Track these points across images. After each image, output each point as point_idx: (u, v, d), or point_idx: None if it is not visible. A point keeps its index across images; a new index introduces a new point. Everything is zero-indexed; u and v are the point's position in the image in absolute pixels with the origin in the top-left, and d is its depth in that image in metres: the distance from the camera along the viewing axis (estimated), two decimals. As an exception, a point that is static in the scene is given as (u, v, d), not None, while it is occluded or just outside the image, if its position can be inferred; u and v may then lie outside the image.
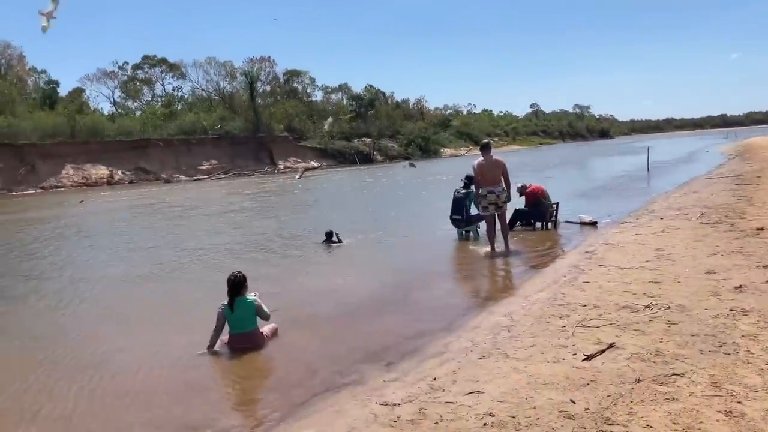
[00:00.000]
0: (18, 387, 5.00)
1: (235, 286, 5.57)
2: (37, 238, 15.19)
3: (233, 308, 5.53)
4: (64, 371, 5.35)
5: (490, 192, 9.38)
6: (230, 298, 5.56)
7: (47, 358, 5.70)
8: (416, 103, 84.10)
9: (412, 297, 7.21)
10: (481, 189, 9.43)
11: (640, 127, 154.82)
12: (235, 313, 5.53)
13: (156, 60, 64.00)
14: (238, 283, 5.59)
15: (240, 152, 53.19)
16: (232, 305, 5.54)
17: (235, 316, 5.54)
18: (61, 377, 5.17)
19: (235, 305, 5.53)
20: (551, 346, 4.80)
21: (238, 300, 5.56)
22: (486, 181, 9.38)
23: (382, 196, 23.67)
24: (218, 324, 5.57)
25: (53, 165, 42.49)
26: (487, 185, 9.37)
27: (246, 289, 5.66)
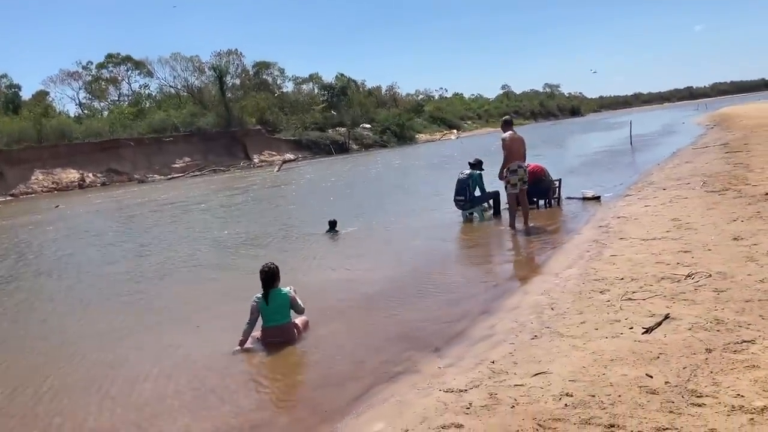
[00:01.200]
0: (47, 392, 4.73)
1: (269, 278, 5.36)
2: (49, 240, 14.81)
3: (268, 300, 5.31)
4: (97, 372, 5.09)
5: (519, 167, 9.30)
6: (265, 290, 5.34)
7: (77, 358, 5.42)
8: (388, 90, 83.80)
9: (436, 281, 7.05)
10: (511, 164, 9.29)
11: (609, 103, 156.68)
12: (270, 305, 5.32)
13: (120, 58, 62.35)
14: (272, 274, 5.39)
15: (213, 148, 52.32)
16: (267, 297, 5.32)
17: (270, 309, 5.33)
18: (94, 379, 4.91)
19: (270, 297, 5.32)
20: (603, 322, 4.69)
21: (272, 292, 5.34)
22: (515, 156, 9.28)
23: (373, 184, 23.47)
24: (252, 318, 5.35)
25: (22, 171, 41.27)
26: (516, 159, 9.28)
27: (279, 280, 5.44)
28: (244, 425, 3.98)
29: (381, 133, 64.46)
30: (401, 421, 3.60)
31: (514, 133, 9.51)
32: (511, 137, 9.42)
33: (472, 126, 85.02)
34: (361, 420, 3.79)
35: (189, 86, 62.24)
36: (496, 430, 3.26)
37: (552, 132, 54.18)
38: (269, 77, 70.22)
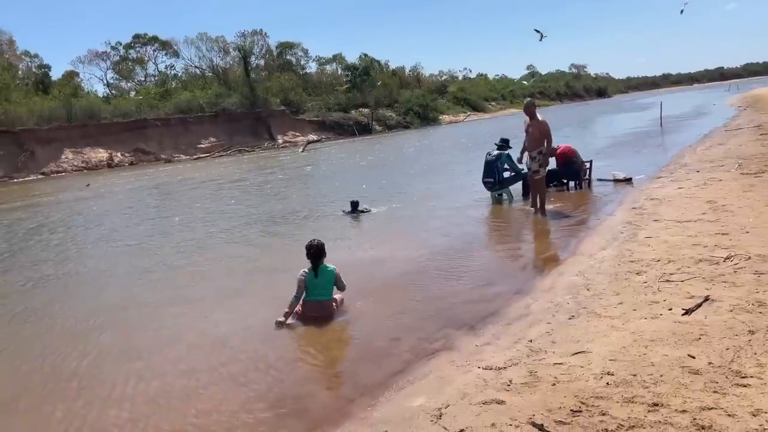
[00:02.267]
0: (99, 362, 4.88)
1: (317, 253, 5.50)
2: (97, 216, 15.28)
3: (317, 274, 5.43)
4: (144, 343, 5.25)
5: (539, 152, 9.30)
6: (313, 265, 5.46)
7: (126, 329, 5.58)
8: (412, 71, 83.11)
9: (468, 261, 7.07)
10: (531, 152, 9.38)
11: (637, 84, 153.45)
12: (318, 279, 5.44)
13: (147, 38, 62.76)
14: (320, 249, 5.53)
15: (238, 129, 52.58)
16: (316, 271, 5.44)
17: (317, 283, 5.46)
18: (143, 351, 5.05)
19: (319, 272, 5.45)
20: (642, 303, 4.69)
21: (320, 267, 5.47)
22: (536, 141, 9.27)
23: (397, 164, 23.44)
24: (299, 291, 5.48)
25: (52, 150, 41.95)
26: (538, 145, 9.26)
27: (326, 256, 5.55)
28: (286, 396, 4.07)
29: (404, 114, 64.14)
30: (442, 397, 3.66)
31: (536, 117, 9.37)
32: (535, 121, 9.32)
33: (496, 107, 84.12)
34: (402, 394, 3.86)
35: (214, 67, 62.48)
36: (538, 407, 3.29)
37: (579, 113, 53.43)
38: (293, 57, 70.18)
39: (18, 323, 6.44)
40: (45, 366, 5.06)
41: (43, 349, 5.48)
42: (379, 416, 3.59)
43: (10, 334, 6.11)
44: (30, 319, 6.56)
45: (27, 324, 6.40)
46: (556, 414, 3.18)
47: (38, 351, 5.44)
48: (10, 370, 5.12)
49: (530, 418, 3.18)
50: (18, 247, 11.70)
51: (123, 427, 3.89)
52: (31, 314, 6.70)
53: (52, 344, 5.59)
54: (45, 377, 4.82)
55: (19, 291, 7.93)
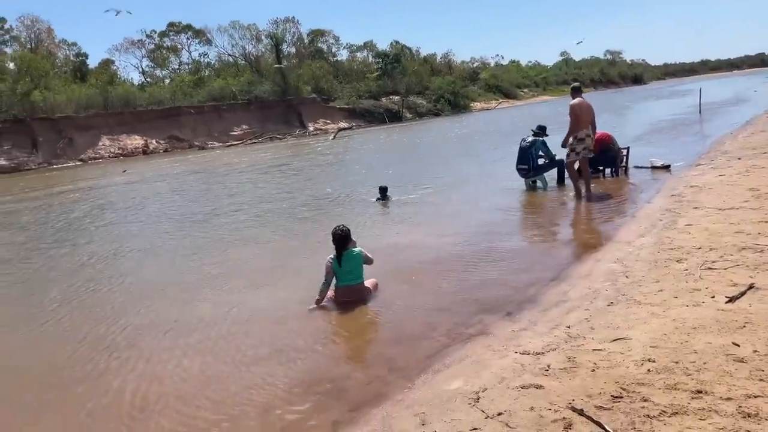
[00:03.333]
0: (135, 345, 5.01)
1: (341, 240, 5.49)
2: (146, 198, 15.67)
3: (341, 262, 5.45)
4: (182, 326, 5.36)
5: (587, 135, 9.27)
6: (338, 252, 5.47)
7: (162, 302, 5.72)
8: (443, 58, 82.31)
9: (502, 247, 7.02)
10: (579, 132, 9.26)
11: (674, 71, 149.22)
12: (343, 266, 5.46)
13: (181, 26, 63.40)
14: (344, 236, 5.52)
15: (270, 116, 52.97)
16: (340, 259, 5.45)
17: (344, 269, 5.48)
18: (181, 333, 5.17)
19: (343, 259, 5.46)
20: (683, 290, 4.60)
21: (345, 253, 5.48)
22: (583, 124, 9.24)
23: (429, 151, 23.34)
24: (327, 277, 5.51)
25: (90, 137, 42.87)
26: (584, 127, 9.26)
27: (351, 242, 5.57)
28: (322, 379, 4.12)
29: (435, 102, 63.72)
30: (479, 380, 3.66)
31: (582, 100, 9.33)
32: (580, 104, 9.28)
33: (528, 94, 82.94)
34: (439, 377, 3.87)
35: (246, 54, 62.85)
36: (578, 392, 3.27)
37: (614, 100, 52.31)
38: (324, 45, 70.18)
39: (78, 297, 6.65)
40: (95, 337, 5.22)
41: (96, 321, 5.65)
42: (415, 398, 3.60)
43: (75, 307, 6.30)
44: (90, 293, 6.76)
45: (91, 296, 6.64)
46: (596, 399, 3.16)
47: (86, 327, 5.61)
48: (72, 339, 5.32)
49: (570, 402, 3.16)
50: (78, 228, 12.07)
51: (168, 401, 3.99)
52: (95, 286, 6.91)
53: (112, 315, 5.79)
54: (97, 348, 4.97)
55: (83, 265, 8.22)
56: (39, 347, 5.41)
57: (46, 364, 4.93)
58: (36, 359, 5.10)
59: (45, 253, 9.68)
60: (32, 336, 5.68)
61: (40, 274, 8.29)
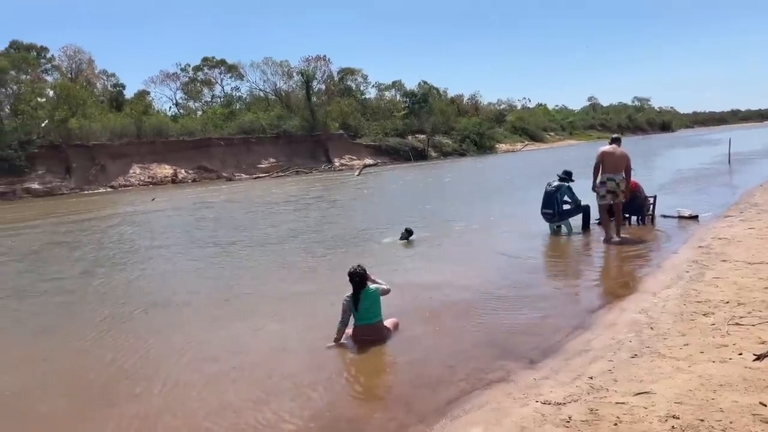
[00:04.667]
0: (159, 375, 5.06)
1: (358, 281, 5.52)
2: (181, 224, 15.83)
3: (359, 301, 5.48)
4: (202, 356, 5.40)
5: (609, 179, 9.39)
6: (354, 292, 5.51)
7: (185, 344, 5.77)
8: (470, 99, 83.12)
9: (525, 292, 6.97)
10: (600, 175, 9.45)
11: (703, 120, 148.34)
12: (361, 305, 5.48)
13: (215, 61, 65.20)
14: (361, 276, 5.54)
15: (297, 150, 53.81)
16: (357, 298, 5.49)
17: (361, 308, 5.49)
18: (199, 363, 5.21)
19: (360, 298, 5.50)
20: (710, 345, 4.52)
21: (363, 293, 5.51)
22: (606, 168, 9.41)
23: (454, 190, 23.40)
24: (344, 316, 5.53)
25: (122, 164, 43.93)
26: (607, 172, 9.39)
27: (368, 279, 5.60)
28: (339, 418, 4.11)
29: (460, 142, 64.16)
30: (499, 428, 3.62)
31: (615, 147, 9.54)
32: (609, 150, 9.48)
33: (555, 138, 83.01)
34: (457, 423, 3.83)
35: (277, 90, 64.22)
36: (599, 446, 3.22)
37: (641, 147, 52.08)
38: (353, 83, 71.45)
39: (110, 319, 6.76)
40: (118, 362, 5.29)
41: (118, 347, 5.73)
42: (434, 444, 3.57)
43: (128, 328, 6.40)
44: (118, 317, 6.87)
45: (119, 319, 6.72)
46: (618, 455, 3.10)
47: (112, 353, 5.69)
48: (98, 363, 5.38)
49: (591, 456, 3.11)
50: (115, 251, 12.32)
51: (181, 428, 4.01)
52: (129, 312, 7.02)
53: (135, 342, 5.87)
54: (116, 375, 5.03)
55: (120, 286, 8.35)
56: (57, 375, 5.48)
57: (67, 388, 5.00)
58: (54, 384, 5.18)
59: (76, 278, 9.88)
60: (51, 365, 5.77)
61: (74, 297, 8.46)
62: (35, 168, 39.21)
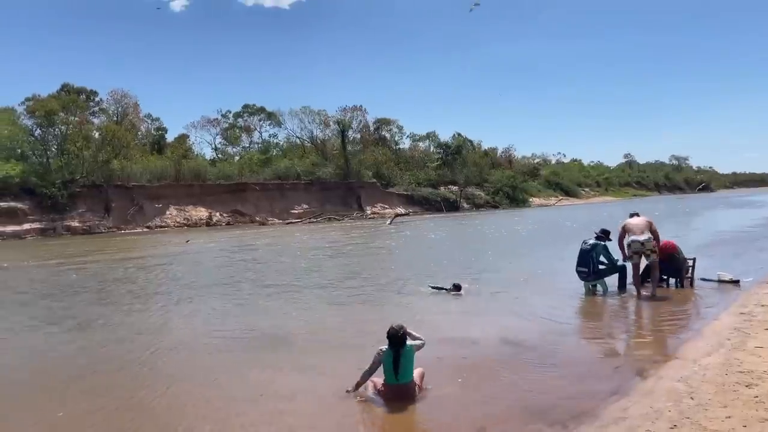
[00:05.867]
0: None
1: (398, 340, 5.38)
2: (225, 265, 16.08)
3: (398, 362, 5.34)
4: (225, 398, 5.37)
5: (633, 241, 9.87)
6: (396, 351, 5.38)
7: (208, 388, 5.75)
8: (504, 152, 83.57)
9: (559, 354, 6.79)
10: (626, 239, 10.01)
11: (743, 180, 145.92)
12: (400, 362, 5.36)
13: (255, 108, 67.35)
14: (402, 336, 5.41)
15: (330, 197, 54.57)
16: (397, 360, 5.34)
17: (398, 367, 5.36)
18: (222, 405, 5.18)
19: (401, 359, 5.35)
20: (753, 419, 4.33)
21: (402, 353, 5.39)
22: (631, 232, 9.96)
23: (488, 244, 23.26)
24: (373, 366, 5.45)
25: (159, 206, 45.11)
26: (632, 235, 9.92)
27: (406, 341, 5.50)
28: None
29: (493, 194, 64.22)
30: (531, 498, 3.48)
31: (637, 216, 10.30)
32: (629, 220, 10.23)
33: (590, 194, 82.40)
34: (488, 490, 3.70)
35: (313, 138, 65.66)
36: None
37: (678, 206, 51.28)
38: (388, 133, 72.64)
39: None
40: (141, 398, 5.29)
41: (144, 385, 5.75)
42: None
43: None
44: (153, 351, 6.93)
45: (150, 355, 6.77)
46: None
47: (142, 390, 5.71)
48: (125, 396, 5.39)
49: None
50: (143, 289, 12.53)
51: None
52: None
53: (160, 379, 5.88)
54: (140, 412, 5.03)
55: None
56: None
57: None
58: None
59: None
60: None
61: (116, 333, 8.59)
62: (76, 206, 40.52)
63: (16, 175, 38.72)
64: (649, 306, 9.21)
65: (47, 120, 41.96)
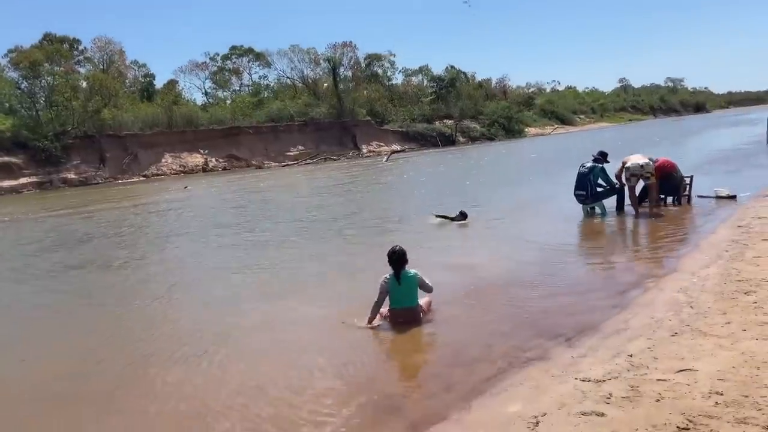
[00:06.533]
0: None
1: (399, 260, 5.52)
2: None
3: (400, 281, 5.49)
4: (239, 333, 5.53)
5: (633, 164, 9.93)
6: (396, 272, 5.52)
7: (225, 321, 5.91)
8: (499, 82, 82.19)
9: (561, 273, 6.94)
10: (626, 166, 10.14)
11: (739, 99, 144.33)
12: (401, 286, 5.48)
13: (243, 50, 65.67)
14: (401, 256, 5.54)
15: (325, 138, 54.01)
16: (398, 278, 5.50)
17: (400, 290, 5.49)
18: (236, 340, 5.33)
19: (401, 278, 5.49)
20: (751, 323, 4.45)
21: (402, 273, 5.51)
22: (630, 161, 10.11)
23: (485, 175, 23.28)
24: (380, 297, 5.56)
25: (153, 154, 44.68)
26: (631, 161, 10.08)
27: (407, 262, 5.60)
28: (378, 395, 4.15)
29: (489, 126, 63.59)
30: (538, 405, 3.63)
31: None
32: (631, 156, 10.39)
33: (585, 120, 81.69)
34: (496, 400, 3.85)
35: (304, 77, 64.39)
36: (641, 422, 3.20)
37: (674, 128, 51.03)
38: (380, 69, 71.19)
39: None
40: (155, 336, 5.45)
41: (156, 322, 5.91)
42: (473, 419, 3.61)
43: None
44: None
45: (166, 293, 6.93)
46: (661, 430, 3.09)
47: (155, 328, 5.86)
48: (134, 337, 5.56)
49: (634, 431, 3.11)
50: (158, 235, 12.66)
51: (223, 409, 4.11)
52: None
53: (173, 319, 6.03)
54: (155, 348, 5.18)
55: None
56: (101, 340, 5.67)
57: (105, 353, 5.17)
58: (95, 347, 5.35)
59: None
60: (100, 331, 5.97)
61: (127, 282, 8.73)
62: (71, 158, 40.12)
63: (7, 129, 38.18)
64: (647, 224, 9.33)
65: (32, 71, 40.97)
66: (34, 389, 4.82)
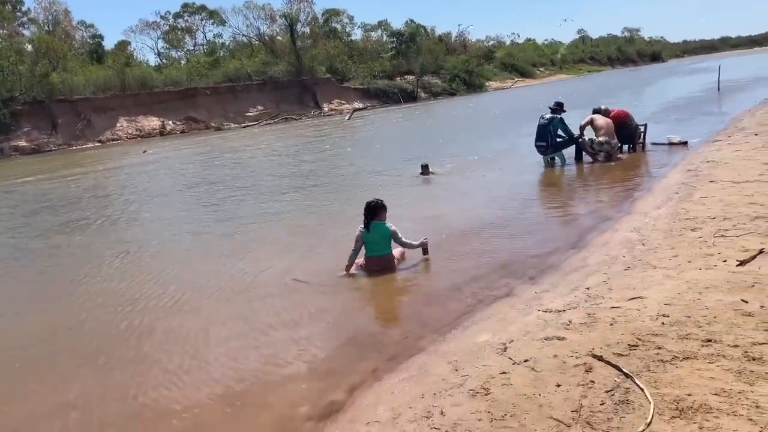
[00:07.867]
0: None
1: (370, 210, 5.83)
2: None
3: (369, 230, 5.78)
4: (220, 290, 5.75)
5: (595, 141, 10.81)
6: (366, 221, 5.80)
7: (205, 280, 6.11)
8: (458, 36, 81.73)
9: (523, 220, 7.33)
10: (589, 134, 10.87)
11: (693, 48, 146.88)
12: (372, 235, 5.80)
13: (195, 7, 63.65)
14: (373, 207, 5.85)
15: (285, 97, 53.19)
16: (368, 227, 5.79)
17: (372, 239, 5.80)
18: (218, 296, 5.56)
19: (371, 228, 5.79)
20: (696, 255, 4.88)
21: (374, 224, 5.80)
22: (597, 131, 10.74)
23: (445, 130, 23.52)
24: (356, 246, 5.86)
25: (108, 118, 43.42)
26: (598, 136, 10.75)
27: (384, 214, 5.88)
28: (360, 334, 4.48)
29: (450, 81, 63.53)
30: (505, 334, 3.99)
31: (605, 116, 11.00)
32: (599, 119, 10.85)
33: (544, 73, 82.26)
34: (468, 332, 4.21)
35: (261, 35, 62.92)
36: (597, 342, 3.58)
37: (631, 78, 51.92)
38: (338, 25, 70.01)
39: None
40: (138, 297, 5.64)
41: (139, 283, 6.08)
42: (448, 349, 3.95)
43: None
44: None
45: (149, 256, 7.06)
46: (614, 348, 3.47)
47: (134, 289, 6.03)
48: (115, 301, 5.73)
49: (590, 350, 3.48)
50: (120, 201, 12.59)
51: (216, 356, 4.36)
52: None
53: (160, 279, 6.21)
54: (135, 308, 5.38)
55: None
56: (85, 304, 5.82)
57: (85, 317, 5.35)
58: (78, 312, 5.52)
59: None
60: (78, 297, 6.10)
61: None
62: (20, 125, 38.73)
63: (-50, 97, 36.59)
64: (604, 171, 9.77)
65: (-26, 35, 39.09)
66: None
